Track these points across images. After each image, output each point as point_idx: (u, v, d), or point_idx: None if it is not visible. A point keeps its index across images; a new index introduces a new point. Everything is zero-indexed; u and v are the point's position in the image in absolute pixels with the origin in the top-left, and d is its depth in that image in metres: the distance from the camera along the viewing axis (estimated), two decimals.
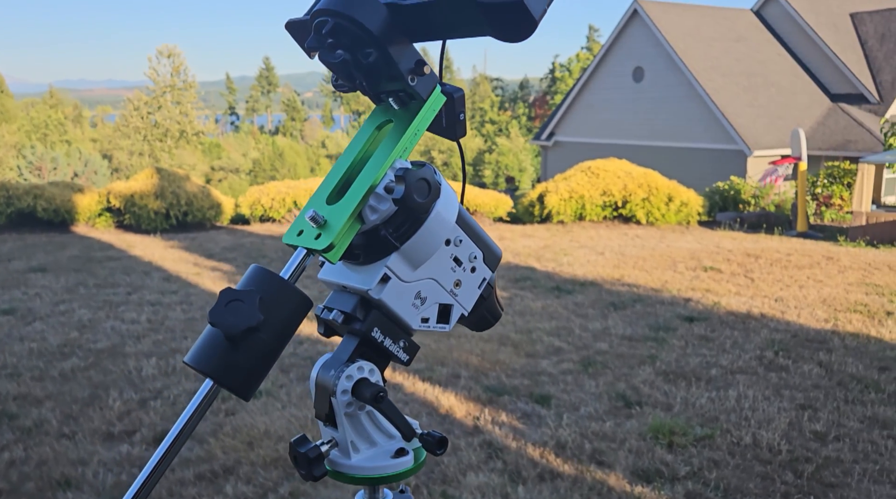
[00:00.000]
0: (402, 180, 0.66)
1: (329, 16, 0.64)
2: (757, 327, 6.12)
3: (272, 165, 47.70)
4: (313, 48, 0.67)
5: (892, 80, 20.93)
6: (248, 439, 3.86)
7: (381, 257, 0.72)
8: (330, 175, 0.73)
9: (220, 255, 10.05)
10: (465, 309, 0.78)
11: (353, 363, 0.71)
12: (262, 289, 0.63)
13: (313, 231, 0.68)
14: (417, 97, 0.70)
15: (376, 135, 0.75)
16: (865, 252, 10.66)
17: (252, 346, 0.62)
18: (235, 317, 0.61)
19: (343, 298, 0.75)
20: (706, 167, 19.53)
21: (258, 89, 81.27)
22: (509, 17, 0.60)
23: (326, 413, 0.71)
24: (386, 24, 0.64)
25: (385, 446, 0.74)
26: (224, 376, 0.62)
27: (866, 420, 4.14)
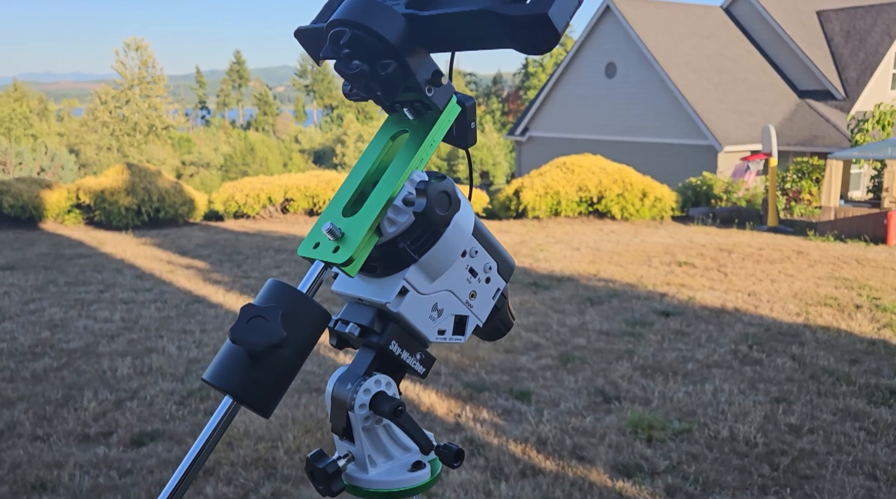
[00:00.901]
0: (424, 194, 0.65)
1: (346, 26, 0.63)
2: (731, 322, 6.21)
3: (244, 160, 47.22)
4: (329, 58, 0.66)
5: (857, 76, 21.36)
6: (228, 440, 3.82)
7: (398, 270, 0.71)
8: (345, 186, 0.72)
9: (194, 252, 9.92)
10: (480, 320, 0.78)
11: (371, 377, 0.71)
12: (283, 305, 0.62)
13: (330, 244, 0.67)
14: (434, 108, 0.69)
15: (390, 145, 0.74)
16: (834, 246, 10.88)
17: (273, 363, 0.61)
18: (258, 334, 0.60)
19: (359, 310, 0.74)
20: (678, 162, 19.76)
21: (229, 83, 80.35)
22: (533, 31, 0.59)
23: (343, 427, 0.70)
24: (404, 34, 0.63)
25: (401, 460, 0.73)
26: (245, 393, 0.61)
27: (839, 412, 4.23)
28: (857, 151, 12.61)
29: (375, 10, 0.63)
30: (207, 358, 5.20)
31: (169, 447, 3.78)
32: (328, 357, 5.24)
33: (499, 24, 0.60)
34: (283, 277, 8.12)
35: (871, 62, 21.33)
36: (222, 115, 79.34)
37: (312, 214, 13.55)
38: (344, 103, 74.67)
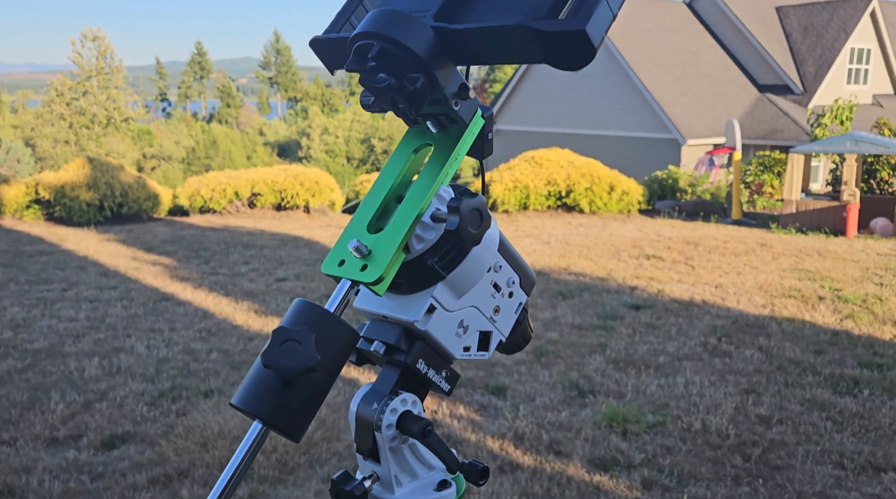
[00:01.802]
0: (456, 211, 0.64)
1: (374, 39, 0.61)
2: (700, 314, 6.32)
3: (206, 153, 46.48)
4: (353, 71, 0.64)
5: (814, 71, 21.85)
6: (202, 440, 3.77)
7: (425, 287, 0.70)
8: (368, 201, 0.71)
9: (160, 248, 9.74)
10: (504, 335, 0.77)
11: (397, 396, 0.70)
12: (314, 327, 0.60)
13: (357, 262, 0.65)
14: (459, 121, 0.68)
15: (412, 158, 0.73)
16: (796, 239, 11.13)
17: (305, 386, 0.60)
18: (292, 358, 0.58)
19: (384, 328, 0.72)
20: (643, 156, 20.01)
21: (190, 75, 78.94)
22: (570, 47, 0.58)
23: (369, 448, 0.69)
24: (433, 48, 0.62)
25: (426, 478, 0.72)
26: (276, 418, 0.59)
27: (806, 403, 4.33)
28: (818, 146, 12.90)
29: (404, 22, 0.61)
30: (178, 357, 5.12)
31: (141, 450, 3.71)
32: None
33: (534, 40, 0.59)
34: (253, 274, 8.03)
35: (827, 57, 21.84)
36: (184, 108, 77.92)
37: (280, 209, 13.40)
38: (308, 96, 73.88)
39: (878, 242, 10.91)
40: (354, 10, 0.74)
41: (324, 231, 11.33)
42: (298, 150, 52.85)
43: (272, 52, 79.88)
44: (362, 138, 51.81)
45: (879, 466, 3.52)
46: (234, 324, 5.99)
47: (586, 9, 0.57)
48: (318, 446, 3.72)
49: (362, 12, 0.75)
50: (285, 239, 10.44)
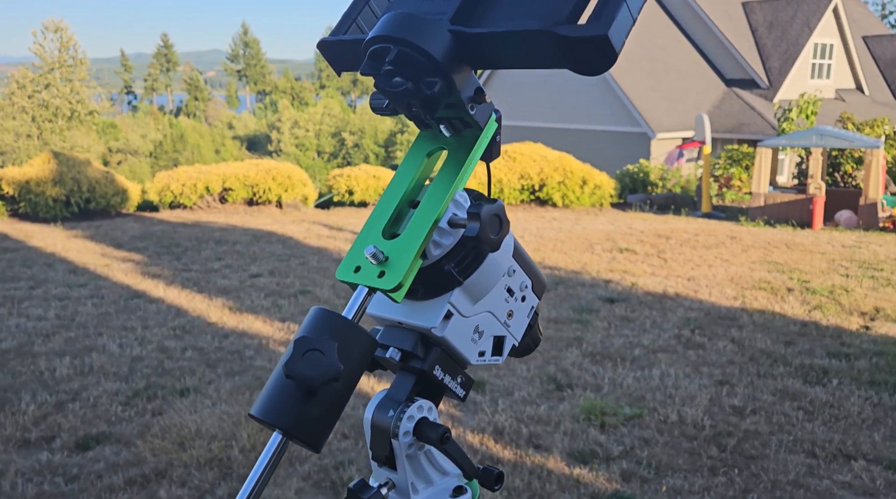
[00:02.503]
0: (476, 217, 0.64)
1: (391, 43, 0.61)
2: (673, 306, 6.41)
3: (174, 147, 45.80)
4: (367, 75, 0.63)
5: (779, 66, 22.25)
6: (179, 440, 3.73)
7: (441, 293, 0.70)
8: (381, 206, 0.70)
9: (130, 244, 9.57)
10: (516, 339, 0.77)
11: (413, 403, 0.69)
12: (336, 336, 0.60)
13: (374, 268, 0.65)
14: (474, 125, 0.67)
15: (426, 162, 0.72)
16: (764, 231, 11.33)
17: (327, 396, 0.59)
18: (315, 369, 0.58)
19: (399, 334, 0.72)
20: (613, 149, 20.18)
21: (157, 67, 77.64)
22: (592, 52, 0.57)
23: (386, 455, 0.69)
24: (451, 52, 0.61)
25: (441, 484, 0.72)
26: (297, 429, 0.59)
27: (778, 393, 4.42)
28: (785, 139, 13.14)
29: (423, 26, 0.61)
30: (152, 356, 5.05)
31: (117, 450, 3.65)
32: (279, 352, 5.16)
33: (555, 46, 0.58)
34: (226, 270, 7.94)
35: (792, 52, 22.23)
36: (150, 101, 76.63)
37: (252, 204, 13.26)
38: (278, 89, 73.13)
39: (843, 234, 11.17)
40: (361, 11, 0.74)
41: (297, 226, 11.24)
42: (268, 143, 52.33)
43: (240, 44, 78.91)
44: (333, 132, 51.47)
45: (850, 454, 3.61)
46: (209, 321, 5.92)
47: (608, 14, 0.57)
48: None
49: (368, 13, 0.74)
50: (258, 234, 10.34)
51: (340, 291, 7.02)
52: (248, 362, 4.92)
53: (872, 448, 3.66)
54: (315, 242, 9.76)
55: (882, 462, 3.51)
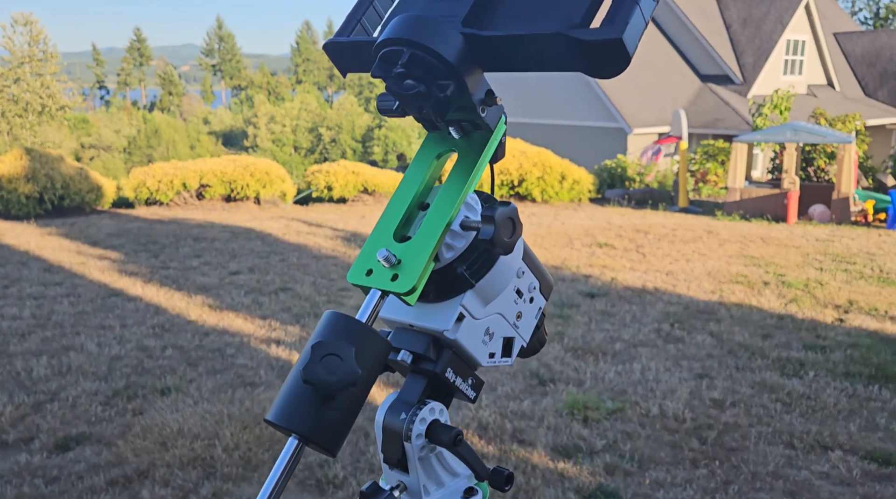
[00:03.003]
0: (491, 221, 0.64)
1: (404, 45, 0.60)
2: (652, 301, 6.47)
3: (148, 143, 45.20)
4: (379, 77, 0.63)
5: (753, 62, 22.51)
6: (161, 440, 3.69)
7: (453, 295, 0.70)
8: (391, 209, 0.69)
9: (106, 241, 9.44)
10: (525, 340, 0.77)
11: (425, 405, 0.69)
12: (353, 340, 0.60)
13: (386, 271, 0.65)
14: (484, 128, 0.67)
15: (435, 164, 0.72)
16: (740, 225, 11.48)
17: (344, 400, 0.59)
18: (333, 374, 0.57)
19: (410, 337, 0.71)
20: (590, 144, 20.30)
21: (130, 62, 76.51)
22: (606, 55, 0.57)
23: (398, 458, 0.69)
24: (464, 55, 0.61)
25: (452, 486, 0.72)
26: (314, 433, 0.58)
27: (756, 386, 4.49)
28: (760, 135, 13.30)
29: (436, 29, 0.60)
30: (131, 355, 4.99)
31: (97, 451, 3.61)
32: (261, 350, 5.13)
33: (569, 49, 0.58)
34: (205, 267, 7.87)
35: (765, 48, 22.51)
36: (123, 96, 75.49)
37: (230, 201, 13.14)
38: (254, 84, 72.47)
39: (817, 228, 11.35)
40: (365, 12, 0.73)
41: (276, 222, 11.17)
42: (244, 139, 51.87)
43: (215, 38, 78.03)
44: (310, 127, 51.14)
45: (827, 444, 3.68)
46: (188, 319, 5.87)
47: (622, 17, 0.57)
48: (282, 441, 3.68)
49: (373, 14, 0.74)
50: (237, 231, 10.25)
51: (321, 288, 6.99)
52: (229, 361, 4.89)
53: (849, 439, 3.73)
54: (294, 239, 9.70)
55: (858, 452, 3.58)
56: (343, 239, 9.85)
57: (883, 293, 6.85)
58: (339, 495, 3.21)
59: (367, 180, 13.88)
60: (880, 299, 6.61)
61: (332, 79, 74.99)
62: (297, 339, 5.38)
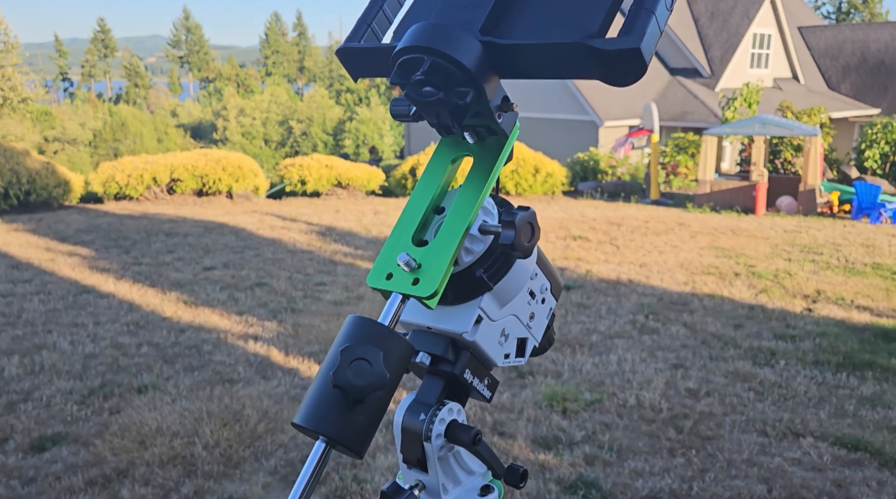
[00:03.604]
0: (512, 225, 0.65)
1: (425, 53, 0.61)
2: (627, 293, 6.56)
3: (114, 136, 44.35)
4: (397, 84, 0.63)
5: (720, 55, 22.81)
6: (140, 438, 3.66)
7: (471, 298, 0.71)
8: (409, 213, 0.70)
9: (75, 237, 9.28)
10: (537, 340, 0.79)
11: (443, 406, 0.71)
12: (380, 344, 0.61)
13: (407, 275, 0.66)
14: (500, 133, 0.68)
15: (450, 168, 0.73)
16: (711, 217, 11.66)
17: (372, 403, 0.60)
18: (363, 378, 0.58)
19: (428, 339, 0.73)
20: (562, 137, 20.41)
21: (94, 53, 74.90)
22: (623, 64, 0.58)
23: (418, 458, 0.70)
24: (482, 62, 0.62)
25: (468, 483, 0.74)
26: (342, 436, 0.59)
27: (729, 375, 4.58)
28: (729, 128, 13.51)
29: (456, 37, 0.61)
30: (106, 352, 4.93)
31: (75, 450, 3.57)
32: (238, 346, 5.09)
33: (588, 58, 0.59)
34: (178, 263, 7.77)
35: (732, 42, 22.82)
36: (88, 88, 73.93)
37: (202, 195, 12.98)
38: (222, 76, 71.49)
39: (785, 220, 11.58)
40: (375, 17, 0.74)
41: (249, 217, 11.07)
42: (213, 132, 51.16)
43: (182, 29, 76.76)
44: (280, 120, 50.61)
45: (798, 431, 3.78)
46: (163, 316, 5.80)
47: (639, 27, 0.59)
48: (263, 438, 3.68)
49: (382, 18, 0.75)
50: (209, 226, 10.14)
51: (298, 283, 6.96)
52: (206, 357, 4.85)
53: (819, 426, 3.84)
54: (269, 234, 9.63)
55: (828, 439, 3.69)
56: (318, 233, 9.80)
57: (849, 283, 7.03)
58: (321, 490, 3.22)
59: (340, 174, 13.81)
60: (846, 289, 6.78)
61: (301, 71, 74.29)
62: (274, 334, 5.36)
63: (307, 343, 5.14)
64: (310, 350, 4.97)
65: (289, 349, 5.00)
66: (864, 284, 6.96)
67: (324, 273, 7.39)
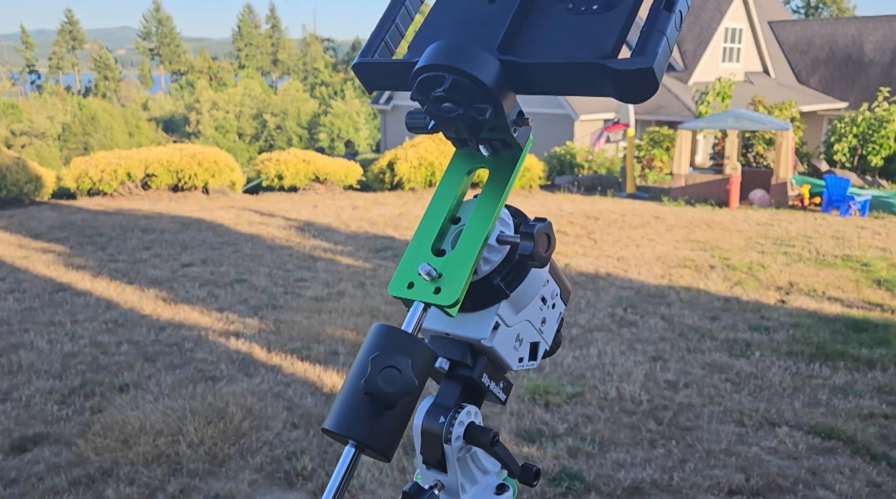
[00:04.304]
0: (530, 237, 0.68)
1: (446, 71, 0.63)
2: (605, 286, 6.64)
3: (84, 130, 43.60)
4: (418, 100, 0.66)
5: (693, 49, 23.05)
6: (123, 437, 3.64)
7: (489, 305, 0.73)
8: (427, 223, 0.73)
9: (49, 234, 9.14)
10: (548, 343, 0.82)
11: (462, 409, 0.73)
12: (408, 352, 0.63)
13: (428, 285, 0.68)
14: (515, 146, 0.70)
15: (466, 180, 0.76)
16: (686, 211, 11.81)
17: (401, 409, 0.63)
18: (394, 385, 0.61)
19: (447, 345, 0.75)
20: (538, 131, 20.48)
21: (62, 45, 73.40)
22: (637, 82, 0.61)
23: (437, 459, 0.73)
24: (501, 80, 0.64)
25: (484, 483, 0.77)
26: (372, 440, 0.62)
27: (706, 367, 4.68)
28: (703, 122, 13.68)
29: (475, 56, 0.63)
30: (85, 351, 4.88)
31: (57, 451, 3.54)
32: (220, 343, 5.08)
33: (603, 77, 0.62)
34: (156, 260, 7.70)
35: (705, 36, 23.06)
36: (56, 81, 72.50)
37: (177, 190, 12.84)
38: (194, 69, 70.52)
39: (757, 212, 11.77)
40: (388, 31, 0.76)
41: (226, 213, 10.98)
42: (186, 125, 50.49)
43: (152, 21, 75.53)
44: (254, 114, 50.11)
45: (774, 421, 3.87)
46: (142, 313, 5.76)
47: (651, 48, 0.62)
48: (248, 435, 3.68)
49: (395, 32, 0.77)
50: (186, 222, 10.04)
51: (278, 279, 6.94)
52: (188, 355, 4.83)
53: (794, 415, 3.94)
54: (247, 229, 9.57)
55: (803, 428, 3.79)
56: (296, 229, 9.76)
57: (820, 275, 7.18)
58: (308, 486, 3.24)
59: (318, 169, 13.74)
60: (818, 280, 6.93)
61: (275, 64, 73.57)
62: (256, 331, 5.34)
63: (289, 340, 5.14)
64: (292, 347, 4.97)
65: (271, 346, 4.99)
66: (835, 276, 7.12)
67: (304, 269, 7.37)
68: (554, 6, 0.67)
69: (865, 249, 8.54)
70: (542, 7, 0.68)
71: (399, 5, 0.76)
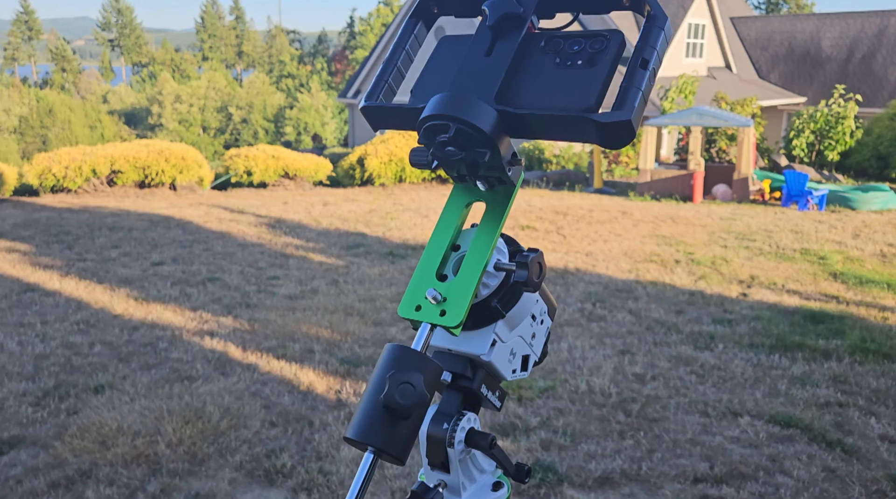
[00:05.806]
0: (525, 266, 0.77)
1: (450, 121, 0.72)
2: (574, 281, 6.79)
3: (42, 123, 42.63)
4: (424, 144, 0.75)
5: None
6: (100, 438, 3.66)
7: (487, 324, 0.83)
8: (431, 252, 0.82)
9: (13, 233, 8.99)
10: (537, 356, 0.92)
11: (463, 416, 0.83)
12: (420, 369, 0.72)
13: (434, 307, 0.77)
14: (508, 182, 0.80)
15: (465, 212, 0.85)
16: (652, 206, 12.05)
17: (414, 419, 0.72)
18: (409, 399, 0.70)
19: (449, 359, 0.85)
20: None
21: (17, 35, 71.51)
22: (617, 132, 0.70)
23: (441, 461, 0.82)
24: (498, 127, 0.73)
25: (481, 481, 0.86)
26: (389, 446, 0.71)
27: (673, 359, 4.84)
28: (668, 119, 13.95)
29: (475, 107, 0.72)
30: (57, 352, 4.86)
31: (34, 453, 3.55)
32: (195, 343, 5.09)
33: (587, 127, 0.71)
34: (125, 259, 7.64)
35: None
36: (11, 72, 70.67)
37: (144, 187, 12.69)
38: (156, 61, 69.30)
39: (720, 207, 12.06)
40: (391, 75, 0.86)
41: (195, 210, 10.90)
42: (148, 117, 49.68)
43: (112, 11, 73.95)
44: (219, 107, 49.50)
45: (737, 411, 4.04)
46: (114, 313, 5.74)
47: (630, 102, 0.71)
48: (226, 434, 3.73)
49: (397, 74, 0.86)
50: (154, 219, 9.95)
51: (250, 277, 6.95)
52: (162, 355, 4.84)
53: (755, 405, 4.12)
54: (217, 227, 9.52)
55: (763, 417, 3.96)
56: (267, 226, 9.74)
57: (780, 268, 7.43)
58: (288, 483, 3.30)
59: (287, 165, 13.69)
60: (778, 274, 7.17)
61: (240, 56, 72.65)
62: (230, 330, 5.37)
63: (264, 338, 5.18)
64: (267, 345, 5.01)
65: (246, 345, 5.03)
66: (794, 270, 7.38)
67: (276, 267, 7.39)
68: (543, 60, 0.77)
69: (822, 242, 8.84)
70: (533, 61, 0.77)
71: (400, 51, 0.86)
